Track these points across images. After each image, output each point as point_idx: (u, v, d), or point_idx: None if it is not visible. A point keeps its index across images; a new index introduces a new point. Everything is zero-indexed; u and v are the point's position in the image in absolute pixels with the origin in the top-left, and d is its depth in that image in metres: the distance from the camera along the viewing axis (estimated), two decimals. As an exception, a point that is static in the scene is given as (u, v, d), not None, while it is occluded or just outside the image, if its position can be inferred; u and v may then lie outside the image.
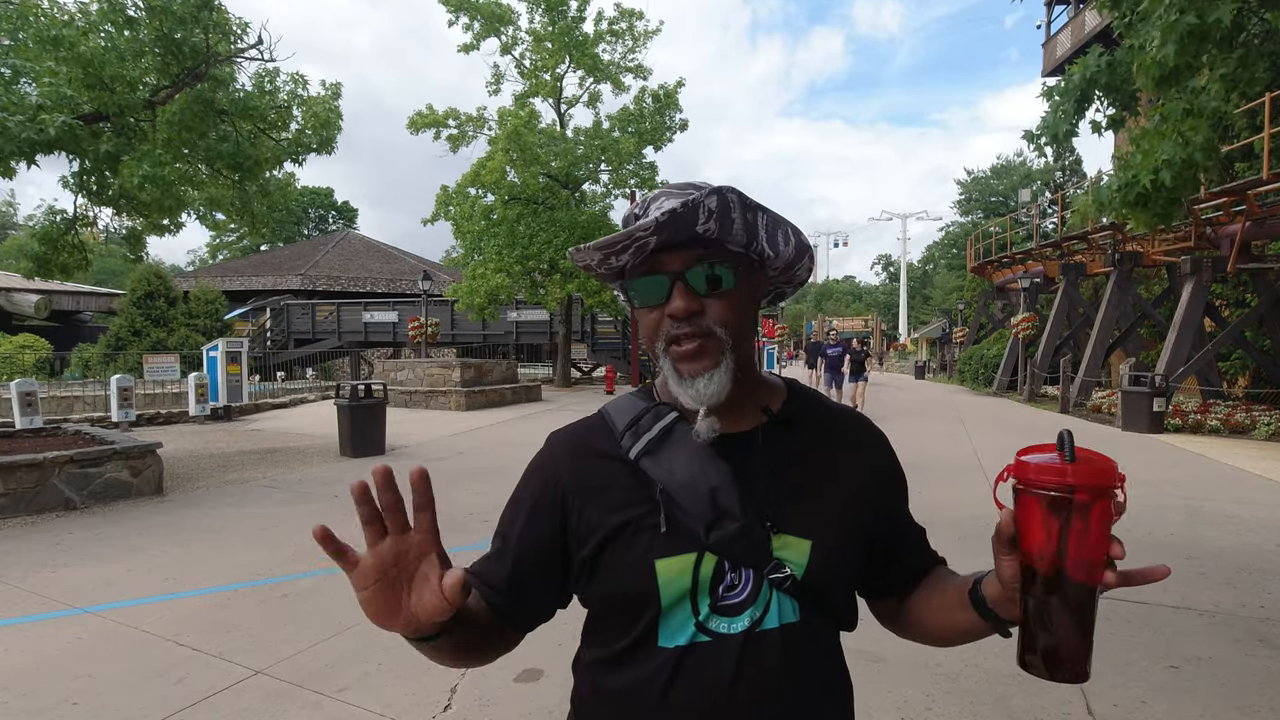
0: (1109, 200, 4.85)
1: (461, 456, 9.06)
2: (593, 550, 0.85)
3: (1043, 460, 0.64)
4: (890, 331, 58.81)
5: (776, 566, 0.80)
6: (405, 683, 3.00)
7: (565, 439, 0.94)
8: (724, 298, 0.81)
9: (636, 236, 0.78)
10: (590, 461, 0.89)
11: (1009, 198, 47.20)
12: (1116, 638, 3.44)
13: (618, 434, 0.88)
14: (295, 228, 50.33)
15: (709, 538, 0.80)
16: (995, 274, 23.77)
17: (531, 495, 0.91)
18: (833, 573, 0.84)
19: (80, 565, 4.65)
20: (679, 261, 0.80)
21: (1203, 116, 4.20)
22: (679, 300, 0.80)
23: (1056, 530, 0.63)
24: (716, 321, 0.81)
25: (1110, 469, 0.63)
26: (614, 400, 0.95)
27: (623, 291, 0.88)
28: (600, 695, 0.87)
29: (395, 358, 24.31)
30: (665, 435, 0.86)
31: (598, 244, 0.80)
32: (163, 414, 12.72)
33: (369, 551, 0.68)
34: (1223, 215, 12.55)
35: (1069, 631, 0.65)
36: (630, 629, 0.83)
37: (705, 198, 0.76)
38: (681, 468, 0.83)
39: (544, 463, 0.92)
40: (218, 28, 7.61)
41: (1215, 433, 11.00)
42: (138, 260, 9.91)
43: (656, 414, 0.88)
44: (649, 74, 19.55)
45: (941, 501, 6.20)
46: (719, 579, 0.81)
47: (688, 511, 0.81)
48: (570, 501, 0.87)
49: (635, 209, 0.86)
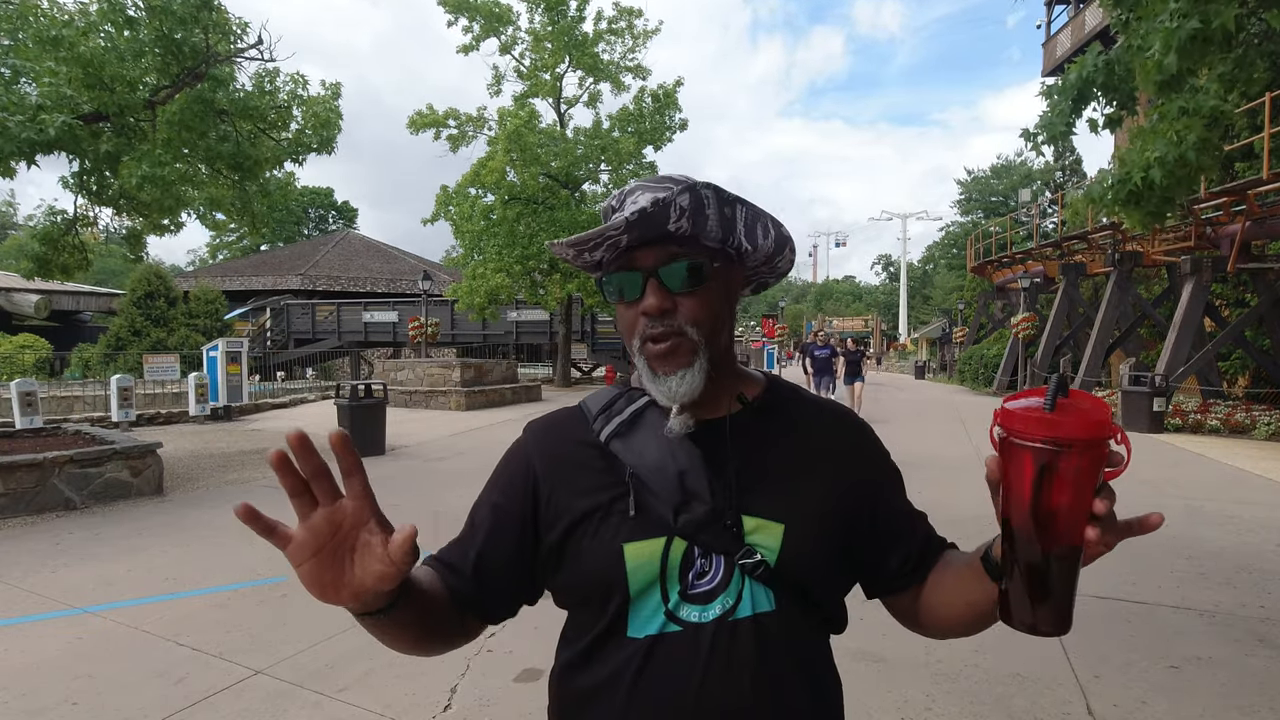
0: (1101, 198, 4.85)
1: (462, 456, 9.05)
2: (560, 535, 0.83)
3: (1025, 407, 0.61)
4: (890, 331, 58.79)
5: (748, 552, 0.79)
6: (405, 683, 3.00)
7: (539, 426, 0.94)
8: (697, 295, 0.81)
9: (608, 235, 0.78)
10: (562, 447, 0.89)
11: (1009, 197, 47.19)
12: (1116, 638, 3.43)
13: (591, 419, 0.89)
14: (295, 228, 50.32)
15: (677, 521, 0.79)
16: (995, 274, 23.77)
17: (501, 481, 0.91)
18: (808, 561, 0.81)
19: (80, 565, 4.65)
20: (652, 258, 0.80)
21: (1198, 116, 4.20)
22: (651, 298, 0.80)
23: (1031, 481, 0.60)
24: (689, 320, 0.80)
25: (1097, 420, 0.58)
26: (593, 392, 0.95)
27: (599, 286, 0.88)
28: (571, 696, 0.85)
29: (395, 358, 24.30)
30: (637, 419, 0.86)
31: (571, 240, 0.80)
32: (163, 414, 12.72)
33: (300, 525, 0.63)
34: (1223, 215, 12.56)
35: (1049, 585, 0.63)
36: (599, 619, 0.81)
37: (678, 195, 0.76)
38: (651, 451, 0.83)
39: (516, 450, 0.93)
40: (218, 28, 7.62)
41: (1215, 432, 11.00)
42: (138, 260, 9.91)
43: (629, 398, 0.89)
44: (649, 74, 19.54)
45: (941, 501, 6.20)
46: (688, 565, 0.79)
47: (657, 495, 0.80)
48: (540, 486, 0.87)
49: (612, 201, 0.87)
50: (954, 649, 3.25)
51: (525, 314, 23.31)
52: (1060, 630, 0.64)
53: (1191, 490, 6.81)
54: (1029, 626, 0.64)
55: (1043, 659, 3.18)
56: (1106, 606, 3.83)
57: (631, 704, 0.78)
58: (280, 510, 0.54)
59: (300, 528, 0.63)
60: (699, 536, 0.79)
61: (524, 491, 0.87)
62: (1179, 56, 3.83)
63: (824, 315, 57.24)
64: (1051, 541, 0.61)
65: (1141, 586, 4.14)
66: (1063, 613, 0.64)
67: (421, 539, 0.64)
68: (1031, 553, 0.62)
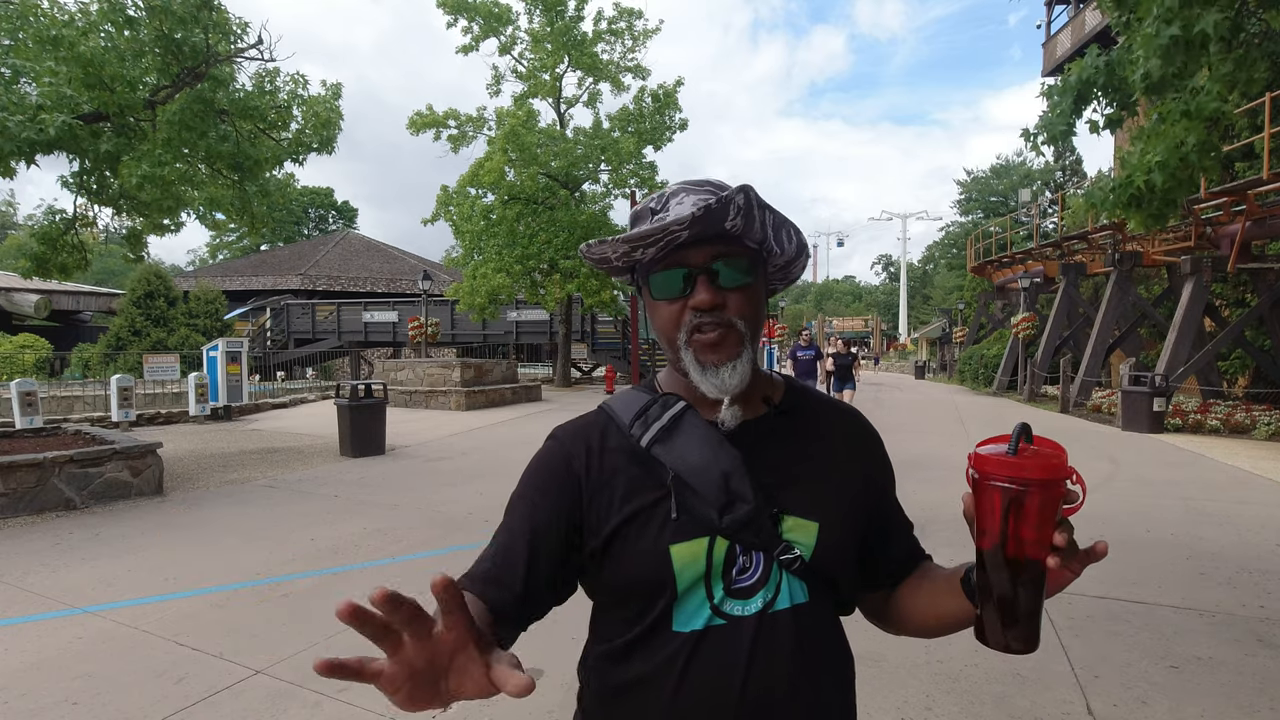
0: (1102, 200, 4.84)
1: (463, 456, 9.05)
2: (604, 540, 0.85)
3: (994, 451, 0.70)
4: (890, 331, 58.82)
5: (786, 548, 0.83)
6: (405, 683, 3.00)
7: (570, 433, 0.94)
8: (744, 291, 0.85)
9: (671, 230, 0.80)
10: (597, 453, 0.90)
11: (1009, 197, 47.17)
12: (1117, 638, 3.43)
13: (624, 425, 0.90)
14: (295, 228, 50.33)
15: (722, 521, 0.82)
16: (995, 274, 23.76)
17: (539, 488, 0.90)
18: (839, 555, 0.87)
19: (80, 565, 4.65)
20: (702, 256, 0.84)
21: (1198, 118, 4.19)
22: (704, 293, 0.83)
23: (999, 516, 0.68)
24: (737, 314, 0.84)
25: (1053, 464, 0.67)
26: (613, 396, 0.96)
27: (637, 284, 0.90)
28: (613, 686, 0.87)
29: (395, 358, 24.31)
30: (675, 423, 0.88)
31: (627, 236, 0.83)
32: (163, 414, 12.72)
33: (390, 660, 0.59)
34: (1223, 215, 12.56)
35: (1017, 607, 0.70)
36: (644, 616, 0.84)
37: (735, 195, 0.79)
38: (694, 454, 0.85)
39: (550, 455, 0.92)
40: (218, 27, 7.60)
41: (1215, 432, 11.00)
42: (138, 260, 9.88)
43: (664, 404, 0.91)
44: (648, 74, 19.56)
45: (941, 501, 6.19)
46: (731, 562, 0.83)
47: (701, 496, 0.83)
48: (582, 492, 0.87)
49: (651, 203, 0.88)
50: (954, 649, 3.25)
51: (525, 314, 23.31)
52: (1029, 649, 0.71)
53: (1191, 490, 6.80)
54: (1003, 646, 0.72)
55: (1043, 659, 3.18)
56: (1106, 606, 3.83)
57: (679, 694, 0.82)
58: (278, 507, 0.54)
59: (390, 661, 0.59)
60: (741, 535, 0.83)
61: (566, 497, 0.88)
62: (1163, 61, 3.84)
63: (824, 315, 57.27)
64: (1019, 569, 0.69)
65: (1141, 586, 4.14)
66: (1031, 633, 0.71)
67: (422, 538, 0.63)
68: (1001, 580, 0.70)
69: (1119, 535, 5.15)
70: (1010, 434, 0.70)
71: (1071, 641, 3.39)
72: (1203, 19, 3.67)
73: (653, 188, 18.83)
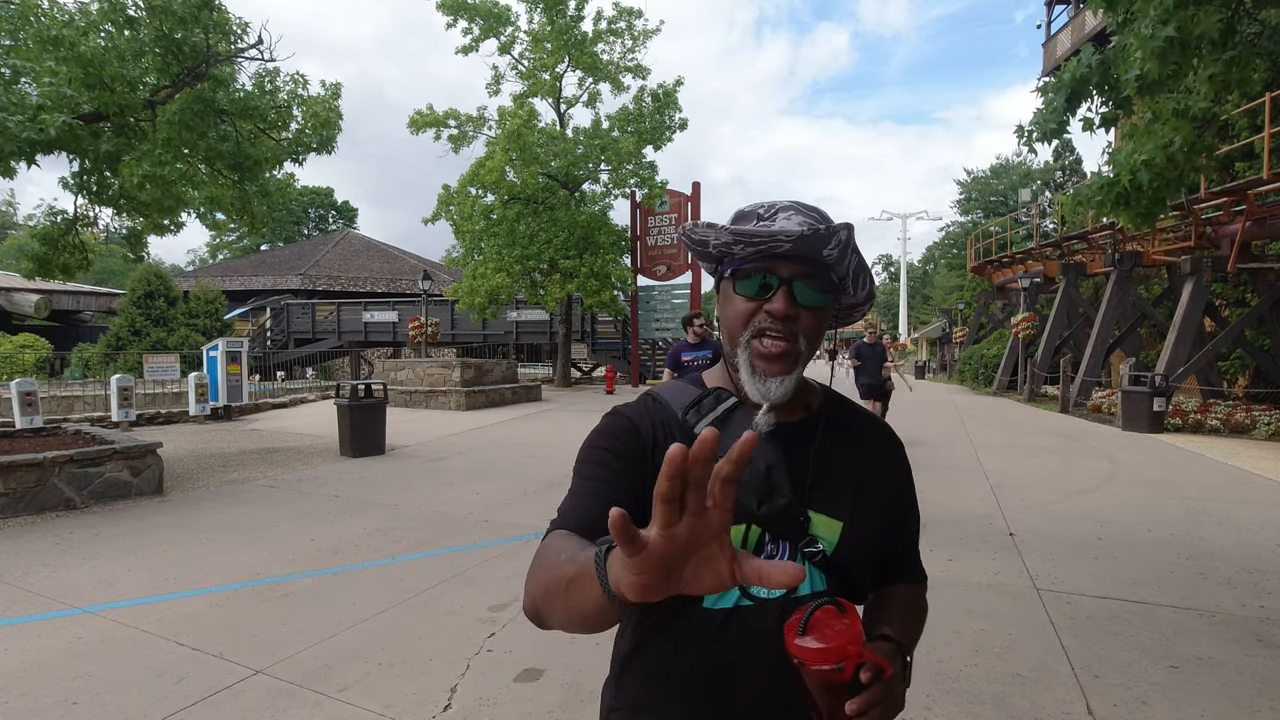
0: (1090, 199, 4.84)
1: (462, 456, 9.05)
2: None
3: (791, 630, 0.78)
4: (890, 331, 58.83)
5: (810, 541, 0.92)
6: (405, 683, 3.00)
7: (633, 409, 1.00)
8: (815, 312, 0.92)
9: (778, 239, 0.86)
10: (662, 426, 0.96)
11: (1009, 197, 47.16)
12: (1117, 638, 3.43)
13: (677, 412, 0.97)
14: (295, 227, 50.35)
15: (760, 509, 0.90)
16: (995, 274, 23.77)
17: (610, 449, 0.94)
18: (858, 553, 0.94)
19: (80, 565, 4.65)
20: (790, 269, 0.90)
21: (1187, 118, 4.19)
22: (782, 302, 0.89)
23: (802, 679, 0.77)
24: (804, 331, 0.91)
25: (826, 653, 0.73)
26: (660, 386, 1.04)
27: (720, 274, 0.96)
28: (644, 656, 0.94)
29: (395, 357, 24.31)
30: (728, 416, 0.96)
31: (737, 230, 0.88)
32: (163, 414, 12.72)
33: (659, 533, 0.55)
34: (1223, 215, 12.56)
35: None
36: None
37: (839, 229, 0.86)
38: None
39: (618, 421, 0.97)
40: (218, 27, 7.60)
41: (1215, 432, 11.00)
42: (138, 260, 9.88)
43: (717, 397, 0.98)
44: (648, 73, 19.54)
45: (941, 501, 6.20)
46: (760, 549, 0.91)
47: (743, 485, 0.90)
48: (646, 458, 0.92)
49: (759, 209, 0.95)
50: (954, 649, 3.25)
51: (525, 314, 23.32)
52: None
53: (1191, 490, 6.80)
54: None
55: (1043, 659, 3.19)
56: (1106, 606, 3.83)
57: (708, 666, 0.90)
58: (278, 507, 0.54)
59: (658, 535, 0.56)
60: (773, 524, 0.91)
61: (636, 454, 0.92)
62: (1159, 62, 3.84)
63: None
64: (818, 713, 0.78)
65: (1141, 586, 4.14)
66: None
67: (422, 538, 0.63)
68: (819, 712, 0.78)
69: (1119, 535, 5.15)
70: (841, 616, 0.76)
71: (1071, 641, 3.39)
72: (1201, 20, 3.67)
73: (652, 187, 18.85)
